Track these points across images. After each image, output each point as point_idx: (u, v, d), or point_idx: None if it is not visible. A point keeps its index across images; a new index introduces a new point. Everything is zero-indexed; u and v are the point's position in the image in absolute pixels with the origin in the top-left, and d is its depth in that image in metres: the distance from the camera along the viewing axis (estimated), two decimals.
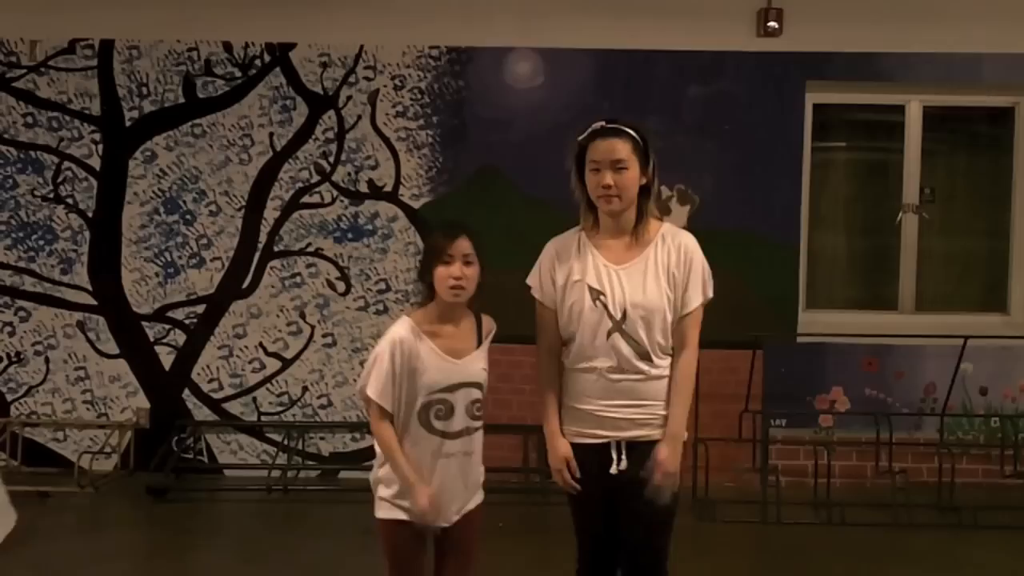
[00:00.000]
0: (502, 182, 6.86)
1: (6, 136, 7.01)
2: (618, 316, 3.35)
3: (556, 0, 6.87)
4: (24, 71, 6.98)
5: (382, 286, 7.01)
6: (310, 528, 5.98)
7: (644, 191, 3.49)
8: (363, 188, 7.00)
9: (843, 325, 6.98)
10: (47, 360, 7.06)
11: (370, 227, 7.01)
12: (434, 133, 6.98)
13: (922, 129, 7.14)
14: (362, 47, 6.95)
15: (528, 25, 6.88)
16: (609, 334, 3.36)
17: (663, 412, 3.40)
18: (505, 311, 3.57)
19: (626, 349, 3.35)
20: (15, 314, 7.04)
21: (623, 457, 3.38)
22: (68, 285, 7.04)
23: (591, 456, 3.41)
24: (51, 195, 7.02)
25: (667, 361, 3.42)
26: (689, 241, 3.55)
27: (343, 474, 6.98)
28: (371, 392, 3.31)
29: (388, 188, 6.99)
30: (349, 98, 6.97)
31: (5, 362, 7.07)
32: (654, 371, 3.39)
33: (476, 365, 3.39)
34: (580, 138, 3.46)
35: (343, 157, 6.99)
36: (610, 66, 6.92)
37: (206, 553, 5.61)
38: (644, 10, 6.84)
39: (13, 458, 6.91)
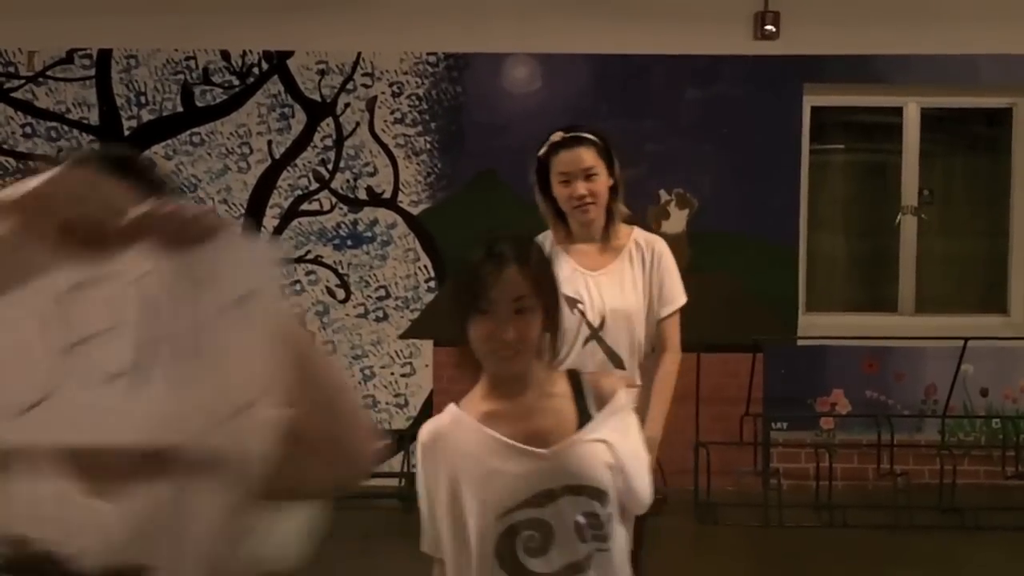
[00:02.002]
0: (500, 187, 6.86)
1: (5, 147, 7.01)
2: (596, 323, 3.32)
3: (553, 6, 6.87)
4: (22, 81, 6.99)
5: (382, 293, 7.01)
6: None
7: (611, 192, 3.46)
8: (362, 195, 7.01)
9: (843, 327, 6.98)
10: None
11: (369, 234, 7.01)
12: (432, 139, 6.98)
13: (920, 130, 7.14)
14: (360, 54, 6.96)
15: (525, 31, 6.88)
16: (586, 342, 3.34)
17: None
18: None
19: (600, 356, 3.33)
20: None
21: None
22: None
23: None
24: None
25: (629, 373, 3.40)
26: (663, 247, 3.51)
27: None
28: (424, 546, 2.18)
29: (387, 195, 7.00)
30: (347, 105, 6.98)
31: None
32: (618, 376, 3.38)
33: (584, 454, 2.06)
34: (541, 152, 3.43)
35: (342, 164, 7.00)
36: (607, 71, 6.93)
37: None
38: (640, 15, 6.84)
39: None
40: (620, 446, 2.08)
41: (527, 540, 1.99)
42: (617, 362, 3.35)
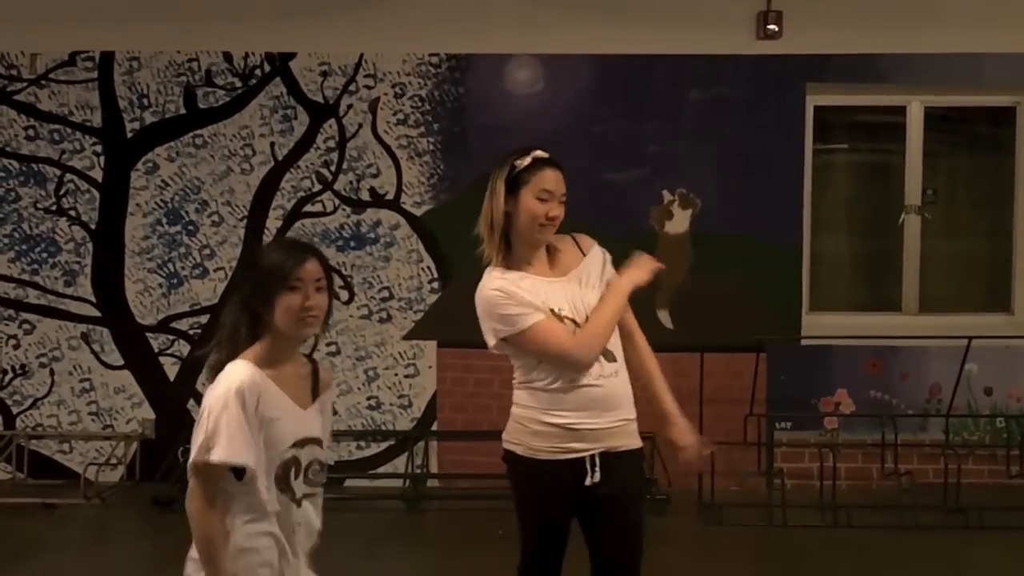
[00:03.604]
0: None
1: (8, 149, 7.02)
2: (581, 322, 3.34)
3: (555, 7, 6.87)
4: (25, 84, 7.00)
5: (385, 294, 7.01)
6: None
7: None
8: (365, 196, 7.01)
9: (847, 327, 6.97)
10: (52, 372, 7.07)
11: (372, 235, 7.01)
12: (435, 140, 6.98)
13: (923, 130, 7.13)
14: (362, 56, 6.96)
15: (527, 32, 6.88)
16: None
17: (632, 418, 3.42)
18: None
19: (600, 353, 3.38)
20: (19, 327, 7.05)
21: (596, 469, 3.34)
22: (72, 297, 7.05)
23: (566, 471, 3.35)
24: (54, 207, 7.03)
25: (619, 363, 3.43)
26: (596, 242, 3.57)
27: (348, 482, 6.97)
28: (218, 455, 2.58)
29: (390, 196, 7.00)
30: (350, 107, 6.98)
31: (10, 375, 7.08)
32: (620, 370, 3.41)
33: (316, 420, 2.82)
34: (519, 161, 3.37)
35: (344, 166, 7.00)
36: (610, 72, 6.93)
37: None
38: (643, 15, 6.84)
39: (19, 470, 6.91)
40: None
41: (295, 470, 2.70)
42: (610, 356, 3.38)
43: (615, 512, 3.38)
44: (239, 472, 2.63)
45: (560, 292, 3.37)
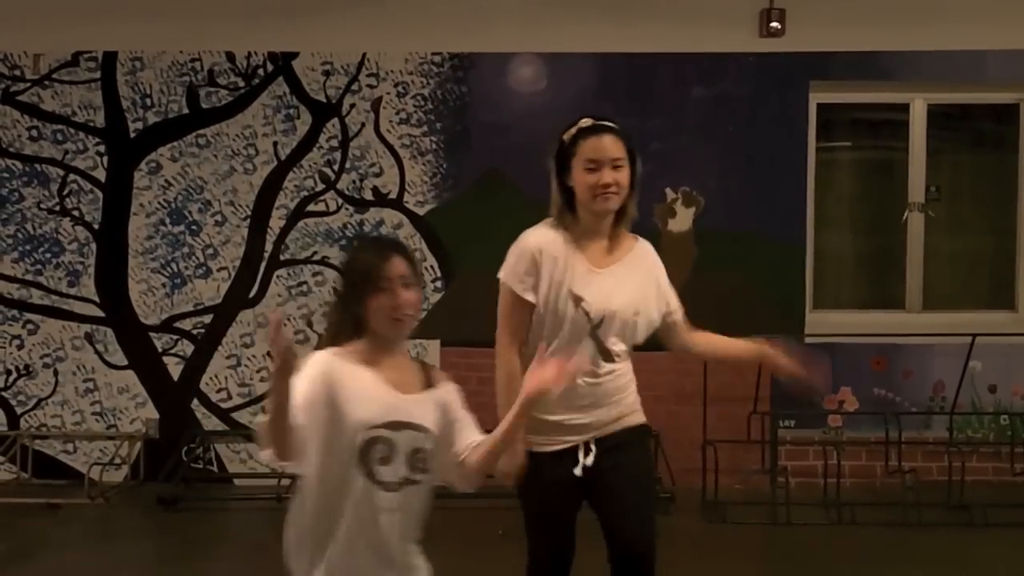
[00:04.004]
0: (507, 187, 6.86)
1: (11, 150, 7.03)
2: (596, 320, 3.30)
3: (557, 5, 6.87)
4: (28, 84, 7.01)
5: None
6: None
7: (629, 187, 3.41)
8: (368, 196, 7.01)
9: (850, 325, 6.97)
10: (56, 372, 7.07)
11: (375, 235, 7.01)
12: (438, 139, 6.98)
13: (927, 127, 7.12)
14: (364, 55, 6.96)
15: (530, 30, 6.88)
16: (585, 338, 3.32)
17: (634, 397, 3.44)
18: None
19: (592, 351, 3.32)
20: (23, 327, 7.06)
21: (591, 453, 3.33)
22: (76, 297, 7.06)
23: (559, 461, 3.33)
24: (57, 208, 7.04)
25: (628, 363, 3.44)
26: (654, 251, 3.57)
27: None
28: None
29: (393, 195, 7.00)
30: (352, 106, 6.98)
31: (14, 375, 7.09)
32: (619, 369, 3.39)
33: (425, 409, 2.72)
34: (566, 135, 3.37)
35: (347, 165, 7.00)
36: (613, 70, 6.93)
37: (217, 562, 5.62)
38: (646, 13, 6.83)
39: (23, 470, 6.92)
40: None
41: (381, 453, 2.61)
42: (607, 356, 3.34)
43: (623, 474, 3.34)
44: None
45: (593, 281, 3.34)
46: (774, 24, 6.78)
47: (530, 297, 3.33)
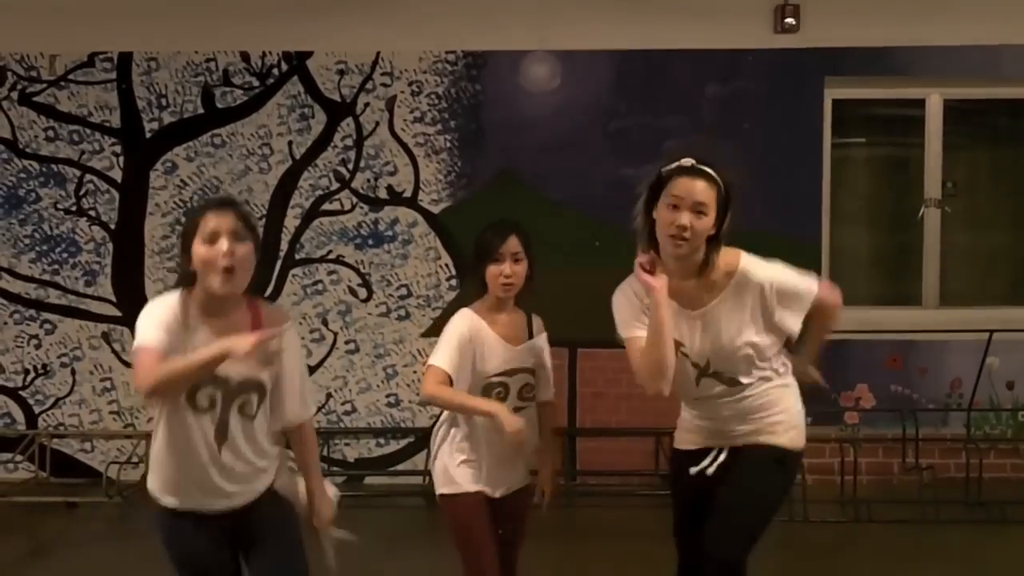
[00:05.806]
0: (521, 185, 6.86)
1: (28, 150, 7.06)
2: (702, 364, 3.37)
3: (571, 2, 6.86)
4: (44, 85, 7.04)
5: (403, 292, 7.02)
6: None
7: (711, 240, 3.37)
8: (382, 194, 7.02)
9: (867, 321, 6.92)
10: (73, 372, 7.11)
11: (390, 233, 7.02)
12: (452, 138, 6.99)
13: (943, 123, 7.09)
14: (378, 54, 6.97)
15: (544, 28, 6.87)
16: (698, 380, 3.42)
17: (779, 418, 3.43)
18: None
19: (719, 387, 3.41)
20: (41, 327, 7.10)
21: (718, 461, 3.45)
22: (92, 297, 7.09)
23: (688, 459, 3.55)
24: (74, 208, 7.07)
25: (767, 369, 3.43)
26: (763, 274, 3.43)
27: (368, 479, 7.00)
28: (436, 360, 3.51)
29: (407, 194, 7.01)
30: (367, 105, 6.99)
31: (32, 374, 7.12)
32: (758, 390, 3.43)
33: (529, 353, 3.66)
34: (664, 169, 3.37)
35: (362, 164, 7.01)
36: (627, 67, 6.92)
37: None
38: (660, 10, 6.82)
39: (41, 469, 6.96)
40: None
41: (497, 393, 3.59)
42: (736, 384, 3.40)
43: (730, 486, 3.41)
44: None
45: (688, 325, 3.37)
46: (789, 20, 6.76)
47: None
